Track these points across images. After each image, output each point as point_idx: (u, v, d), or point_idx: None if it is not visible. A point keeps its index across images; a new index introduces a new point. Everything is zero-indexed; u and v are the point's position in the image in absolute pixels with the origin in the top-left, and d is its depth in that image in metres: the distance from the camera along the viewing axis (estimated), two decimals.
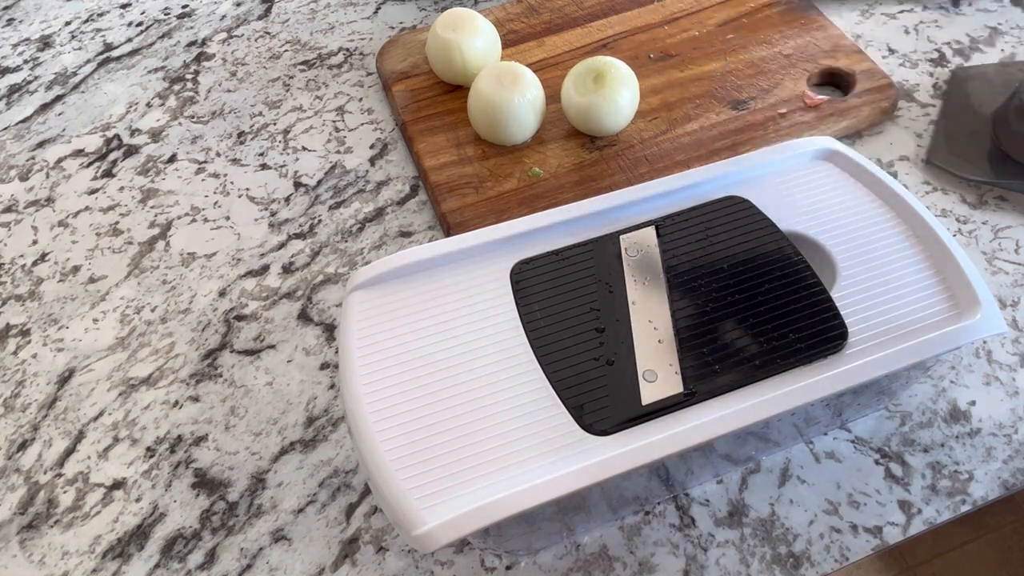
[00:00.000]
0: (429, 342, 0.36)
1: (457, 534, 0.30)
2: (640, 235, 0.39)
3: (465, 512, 0.30)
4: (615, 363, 0.35)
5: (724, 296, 0.37)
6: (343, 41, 0.65)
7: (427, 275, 0.38)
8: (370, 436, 0.33)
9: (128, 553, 0.41)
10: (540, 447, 0.32)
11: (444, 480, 0.31)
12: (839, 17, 0.64)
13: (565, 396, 0.34)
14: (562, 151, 0.54)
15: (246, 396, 0.46)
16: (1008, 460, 0.42)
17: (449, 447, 0.32)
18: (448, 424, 0.33)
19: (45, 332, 0.50)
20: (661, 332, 0.36)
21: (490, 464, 0.32)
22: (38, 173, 0.58)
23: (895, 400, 0.44)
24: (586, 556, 0.40)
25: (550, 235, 0.40)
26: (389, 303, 0.37)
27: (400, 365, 0.35)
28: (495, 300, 0.37)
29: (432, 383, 0.34)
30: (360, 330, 0.36)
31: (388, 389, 0.34)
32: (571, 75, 0.54)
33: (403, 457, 0.32)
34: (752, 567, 0.39)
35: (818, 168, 0.42)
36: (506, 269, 0.38)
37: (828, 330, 0.36)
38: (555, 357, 0.35)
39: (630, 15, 0.63)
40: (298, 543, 0.41)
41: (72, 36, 0.68)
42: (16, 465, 0.44)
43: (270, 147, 0.58)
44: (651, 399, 0.34)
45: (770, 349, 0.35)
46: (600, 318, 0.36)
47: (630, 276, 0.38)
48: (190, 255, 0.53)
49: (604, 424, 0.33)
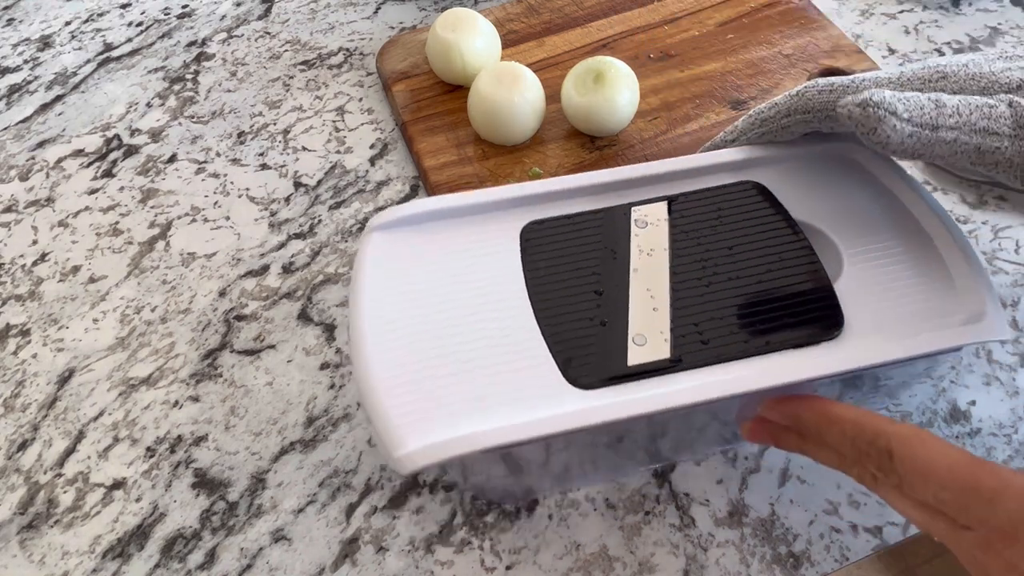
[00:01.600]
0: (435, 285, 0.37)
1: (434, 459, 0.32)
2: (652, 208, 0.40)
3: (444, 440, 0.32)
4: (607, 324, 0.36)
5: (725, 274, 0.38)
6: (343, 41, 0.65)
7: (442, 224, 0.40)
8: (368, 363, 0.34)
9: (128, 553, 0.41)
10: (524, 392, 0.34)
11: (430, 411, 0.33)
12: (839, 17, 0.64)
13: (555, 349, 0.35)
14: (562, 151, 0.54)
15: (246, 396, 0.46)
16: (1008, 460, 0.42)
17: (439, 383, 0.34)
18: (442, 362, 0.35)
19: (45, 332, 0.50)
20: (657, 301, 0.37)
21: (475, 402, 0.34)
22: (38, 173, 0.58)
23: (895, 400, 0.44)
24: (586, 556, 0.40)
25: (564, 201, 0.41)
26: (403, 246, 0.39)
27: (405, 303, 0.37)
28: (503, 255, 0.39)
29: (432, 323, 0.36)
30: (373, 267, 0.38)
31: (391, 323, 0.36)
32: (571, 75, 0.54)
33: (396, 386, 0.34)
34: (752, 567, 0.39)
35: (839, 162, 0.42)
36: (517, 227, 0.40)
37: (824, 318, 0.36)
38: (551, 313, 0.36)
39: (630, 15, 0.63)
40: (298, 543, 0.41)
41: (72, 36, 0.68)
42: (16, 465, 0.44)
43: (270, 147, 0.58)
44: (636, 361, 0.35)
45: (763, 330, 0.36)
46: (600, 282, 0.38)
47: (635, 246, 0.39)
48: (190, 255, 0.53)
49: (588, 379, 0.34)
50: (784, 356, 0.35)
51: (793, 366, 0.35)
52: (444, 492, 0.42)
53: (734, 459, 0.42)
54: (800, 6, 0.63)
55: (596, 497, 0.42)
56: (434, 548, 0.40)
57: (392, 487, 0.42)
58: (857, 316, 0.36)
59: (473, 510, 0.42)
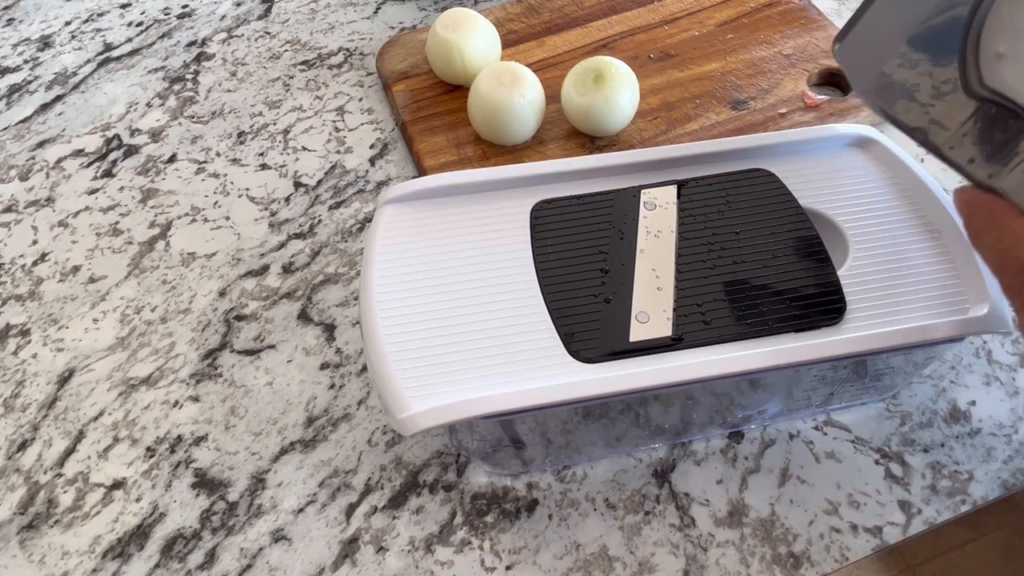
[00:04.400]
0: (445, 257, 0.39)
1: (436, 422, 0.33)
2: (661, 191, 0.41)
3: (446, 404, 0.34)
4: (611, 301, 0.37)
5: (730, 257, 0.38)
6: (343, 41, 0.65)
7: (455, 200, 0.41)
8: (377, 329, 0.36)
9: (128, 553, 0.41)
10: (527, 363, 0.35)
11: (435, 377, 0.35)
12: (839, 17, 0.64)
13: (559, 323, 0.36)
14: (562, 151, 0.54)
15: (246, 396, 0.46)
16: (1008, 460, 0.42)
17: (445, 351, 0.35)
18: (448, 331, 0.36)
19: (45, 332, 0.50)
20: (662, 281, 0.38)
21: (478, 371, 0.35)
22: (38, 173, 0.58)
23: (895, 400, 0.44)
24: (586, 556, 0.40)
25: (575, 182, 0.42)
26: (415, 219, 0.40)
27: (415, 273, 0.38)
28: (512, 231, 0.39)
29: (441, 293, 0.37)
30: (385, 237, 0.39)
31: (401, 292, 0.37)
32: (571, 75, 0.54)
33: (402, 351, 0.35)
34: (752, 567, 0.39)
35: (852, 153, 0.43)
36: (528, 205, 0.40)
37: (827, 303, 0.37)
38: (557, 288, 0.37)
39: (630, 15, 0.63)
40: (298, 543, 0.41)
41: (72, 36, 0.68)
42: (16, 465, 0.44)
43: (270, 147, 0.58)
44: (638, 337, 0.36)
45: (765, 313, 0.37)
46: (607, 260, 0.38)
47: (643, 226, 0.40)
48: (190, 255, 0.53)
49: (590, 353, 0.35)
50: (785, 339, 0.36)
51: (793, 349, 0.35)
52: (444, 492, 0.42)
53: (734, 459, 0.42)
54: (800, 6, 0.62)
55: (596, 497, 0.42)
56: (434, 548, 0.40)
57: (392, 487, 0.42)
58: (860, 303, 0.37)
59: (473, 510, 0.42)
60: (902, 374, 0.42)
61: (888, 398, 0.44)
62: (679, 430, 0.42)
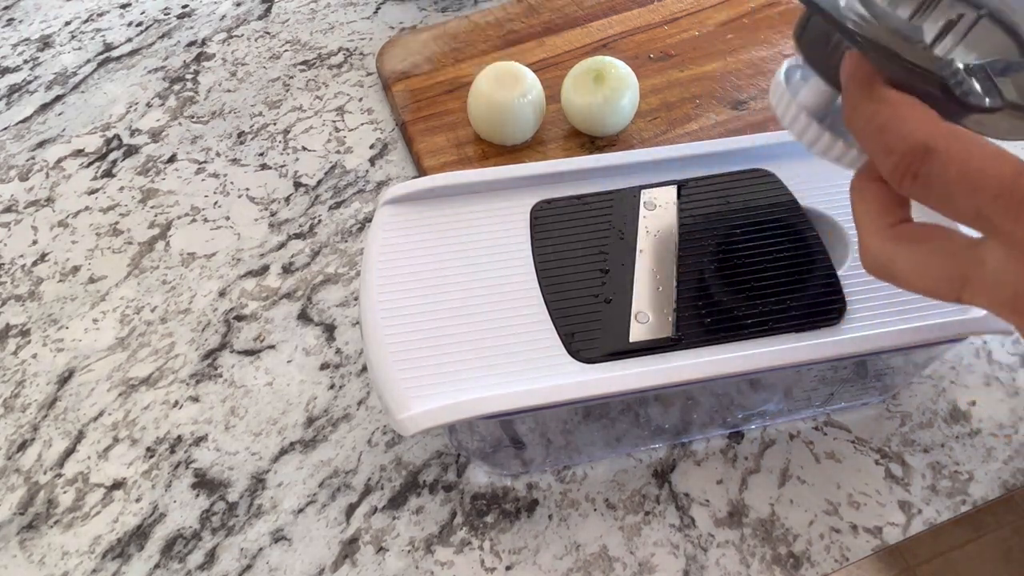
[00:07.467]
0: (444, 257, 0.39)
1: (436, 422, 0.33)
2: (661, 191, 0.41)
3: (446, 404, 0.34)
4: (611, 302, 0.37)
5: (731, 257, 0.38)
6: (343, 41, 0.65)
7: (454, 200, 0.41)
8: (377, 329, 0.36)
9: (128, 553, 0.41)
10: (527, 364, 0.35)
11: (434, 377, 0.35)
12: None
13: (559, 324, 0.36)
14: (562, 151, 0.54)
15: (246, 396, 0.46)
16: (1008, 460, 0.42)
17: (444, 351, 0.36)
18: (448, 331, 0.36)
19: (45, 332, 0.50)
20: (661, 281, 0.38)
21: (478, 371, 0.35)
22: (38, 173, 0.58)
23: (896, 400, 0.44)
24: (586, 556, 0.40)
25: (575, 182, 0.42)
26: (415, 219, 0.40)
27: (415, 273, 0.38)
28: (512, 231, 0.40)
29: (440, 293, 0.37)
30: (385, 238, 0.39)
31: (401, 292, 0.37)
32: (571, 75, 0.54)
33: (402, 351, 0.35)
34: (752, 567, 0.39)
35: None
36: (528, 205, 0.41)
37: (827, 303, 0.37)
38: (557, 288, 0.37)
39: (630, 15, 0.63)
40: (298, 543, 0.41)
41: (72, 36, 0.68)
42: (16, 465, 0.44)
43: (270, 147, 0.58)
44: (638, 337, 0.36)
45: (765, 312, 0.37)
46: (607, 260, 0.38)
47: (643, 227, 0.40)
48: (190, 255, 0.53)
49: (590, 353, 0.35)
50: (785, 339, 0.36)
51: (793, 349, 0.35)
52: (444, 492, 0.42)
53: (734, 459, 0.42)
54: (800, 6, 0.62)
55: (596, 497, 0.42)
56: (434, 548, 0.40)
57: (392, 487, 0.42)
58: (860, 303, 0.37)
59: (473, 510, 0.42)
60: (902, 374, 0.42)
61: (888, 398, 0.44)
62: (679, 430, 0.42)
